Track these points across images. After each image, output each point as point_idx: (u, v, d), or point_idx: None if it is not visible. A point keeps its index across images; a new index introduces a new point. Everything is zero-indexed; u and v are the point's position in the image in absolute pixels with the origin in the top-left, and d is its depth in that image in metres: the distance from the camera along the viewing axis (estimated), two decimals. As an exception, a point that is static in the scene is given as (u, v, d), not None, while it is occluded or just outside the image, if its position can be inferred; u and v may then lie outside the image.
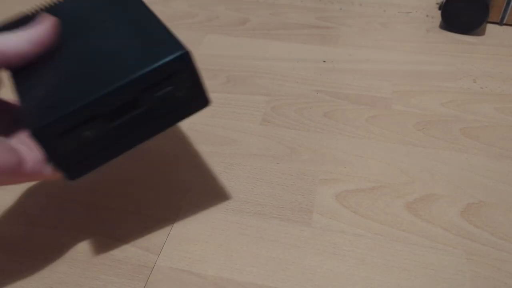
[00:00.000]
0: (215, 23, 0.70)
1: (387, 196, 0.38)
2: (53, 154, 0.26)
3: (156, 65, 0.25)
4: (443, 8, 0.66)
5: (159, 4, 0.76)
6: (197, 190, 0.39)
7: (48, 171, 0.28)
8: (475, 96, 0.52)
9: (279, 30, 0.67)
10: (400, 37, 0.66)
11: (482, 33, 0.67)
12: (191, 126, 0.46)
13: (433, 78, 0.56)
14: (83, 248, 0.33)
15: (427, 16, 0.73)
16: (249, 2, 0.77)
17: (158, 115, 0.28)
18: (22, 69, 0.28)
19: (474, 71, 0.57)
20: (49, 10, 0.33)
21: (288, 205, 0.37)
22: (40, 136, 0.25)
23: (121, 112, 0.27)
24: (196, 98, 0.29)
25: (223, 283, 0.31)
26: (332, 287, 0.31)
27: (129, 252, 0.33)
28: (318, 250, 0.34)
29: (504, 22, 0.69)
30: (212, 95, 0.51)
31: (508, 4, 0.68)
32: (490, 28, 0.69)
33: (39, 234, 0.34)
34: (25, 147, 0.27)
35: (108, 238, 0.34)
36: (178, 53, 0.26)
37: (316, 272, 0.32)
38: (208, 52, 0.61)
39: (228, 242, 0.34)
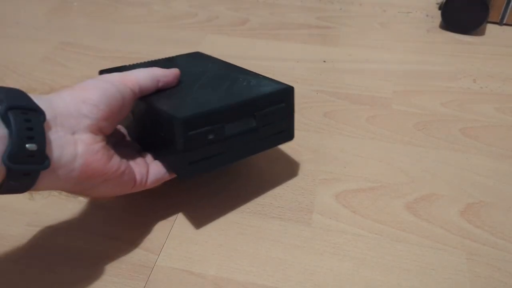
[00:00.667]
0: (215, 23, 0.70)
1: (387, 196, 0.38)
2: (180, 149, 0.31)
3: (270, 91, 0.34)
4: (443, 8, 0.66)
5: (159, 4, 0.76)
6: (197, 190, 0.39)
7: (149, 183, 0.33)
8: (475, 96, 0.52)
9: (279, 30, 0.67)
10: (400, 37, 0.66)
11: (482, 33, 0.67)
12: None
13: (433, 78, 0.56)
14: (83, 248, 0.33)
15: (427, 16, 0.73)
16: (249, 2, 0.77)
17: (258, 137, 0.35)
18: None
19: (474, 71, 0.57)
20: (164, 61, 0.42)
21: (288, 205, 0.37)
22: (179, 126, 0.30)
23: (238, 125, 0.33)
24: (285, 131, 0.36)
25: (223, 283, 0.31)
26: (332, 287, 0.31)
27: (129, 252, 0.33)
28: (318, 250, 0.34)
29: (504, 22, 0.69)
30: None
31: (508, 4, 0.68)
32: (490, 28, 0.69)
33: (39, 234, 0.34)
34: (133, 162, 0.33)
35: (108, 238, 0.34)
36: (286, 87, 0.35)
37: (316, 272, 0.32)
38: (208, 52, 0.61)
39: (228, 242, 0.34)
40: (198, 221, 0.36)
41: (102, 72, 0.39)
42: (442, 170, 0.41)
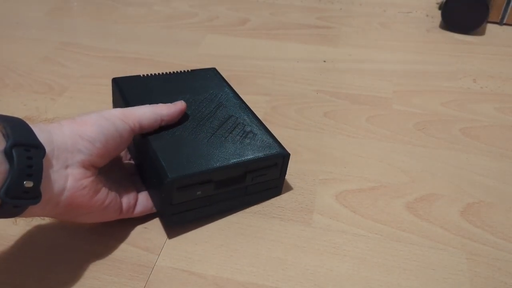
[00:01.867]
0: (215, 23, 0.70)
1: (387, 196, 0.38)
2: (167, 201, 0.32)
3: (265, 154, 0.34)
4: (443, 8, 0.66)
5: (159, 4, 0.76)
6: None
7: (136, 213, 0.34)
8: (475, 96, 0.52)
9: (279, 30, 0.67)
10: (400, 37, 0.66)
11: (482, 33, 0.67)
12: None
13: (433, 78, 0.56)
14: (83, 248, 0.33)
15: (427, 16, 0.73)
16: (249, 2, 0.77)
17: (246, 193, 0.36)
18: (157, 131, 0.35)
19: (474, 71, 0.57)
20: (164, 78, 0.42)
21: (288, 205, 0.37)
22: (169, 185, 0.31)
23: (227, 184, 0.34)
24: (274, 188, 0.38)
25: (223, 283, 0.31)
26: (332, 287, 0.31)
27: (129, 252, 0.33)
28: (318, 250, 0.34)
29: (504, 22, 0.69)
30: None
31: (508, 4, 0.68)
32: (490, 28, 0.69)
33: (38, 234, 0.34)
34: (123, 190, 0.34)
35: (108, 238, 0.34)
36: (281, 152, 0.35)
37: (316, 272, 0.32)
38: (208, 52, 0.61)
39: (228, 242, 0.34)
40: (198, 221, 0.36)
41: (115, 80, 0.40)
42: (442, 170, 0.41)
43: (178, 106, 0.35)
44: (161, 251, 0.33)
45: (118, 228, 0.35)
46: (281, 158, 0.35)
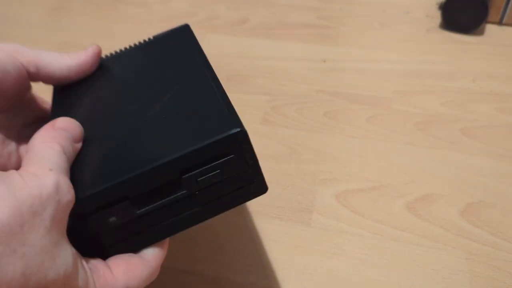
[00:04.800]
0: (215, 22, 0.70)
1: (387, 196, 0.38)
2: (74, 235, 0.21)
3: (199, 145, 0.21)
4: (443, 8, 0.66)
5: (159, 4, 0.76)
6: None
7: None
8: (475, 96, 0.52)
9: (279, 29, 0.67)
10: (400, 37, 0.66)
11: (481, 33, 0.67)
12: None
13: (433, 78, 0.56)
14: (83, 248, 0.33)
15: (427, 16, 0.73)
16: (249, 2, 0.77)
17: (199, 203, 0.24)
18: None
19: (474, 71, 0.57)
20: (106, 60, 0.31)
21: (288, 205, 0.37)
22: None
23: (154, 198, 0.23)
24: (251, 183, 0.24)
25: (223, 283, 0.31)
26: (332, 287, 0.31)
27: (129, 252, 0.33)
28: (318, 250, 0.34)
29: (503, 22, 0.69)
30: (212, 95, 0.51)
31: (507, 4, 0.68)
32: (490, 28, 0.69)
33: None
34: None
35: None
36: (230, 132, 0.22)
37: (316, 272, 0.32)
38: (208, 52, 0.61)
39: (228, 242, 0.34)
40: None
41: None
42: (442, 170, 0.41)
43: (89, 52, 0.28)
44: (161, 251, 0.33)
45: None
46: (232, 141, 0.22)
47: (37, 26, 0.67)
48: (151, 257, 0.24)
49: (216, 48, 0.62)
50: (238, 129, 0.22)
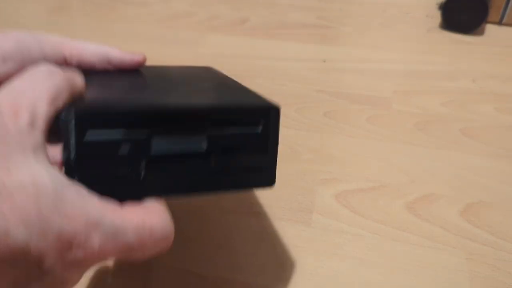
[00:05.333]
0: (215, 22, 0.70)
1: (387, 196, 0.38)
2: (72, 156, 0.20)
3: (241, 104, 0.22)
4: (443, 8, 0.66)
5: (159, 3, 0.76)
6: (197, 190, 0.39)
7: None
8: (475, 96, 0.52)
9: (279, 29, 0.67)
10: (400, 37, 0.66)
11: (481, 33, 0.67)
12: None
13: (433, 78, 0.56)
14: (83, 248, 0.33)
15: (427, 16, 0.73)
16: (249, 2, 0.77)
17: (209, 170, 0.23)
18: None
19: (474, 71, 0.57)
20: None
21: (288, 205, 0.37)
22: (73, 125, 0.19)
23: (174, 142, 0.21)
24: (260, 170, 0.24)
25: (223, 283, 0.31)
26: (332, 287, 0.31)
27: (129, 252, 0.33)
28: (318, 250, 0.34)
29: (503, 22, 0.69)
30: (212, 95, 0.51)
31: (507, 4, 0.68)
32: (490, 28, 0.69)
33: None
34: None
35: (108, 238, 0.34)
36: (268, 104, 0.23)
37: (316, 272, 0.32)
38: (208, 52, 0.61)
39: (228, 242, 0.34)
40: (198, 221, 0.36)
41: None
42: (442, 170, 0.41)
43: (135, 54, 0.28)
44: (161, 251, 0.33)
45: (118, 228, 0.35)
46: (267, 113, 0.23)
47: (37, 26, 0.67)
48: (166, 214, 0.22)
49: (216, 48, 0.62)
50: (275, 105, 0.23)
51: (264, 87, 0.53)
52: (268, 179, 0.25)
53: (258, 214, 0.37)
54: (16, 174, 0.17)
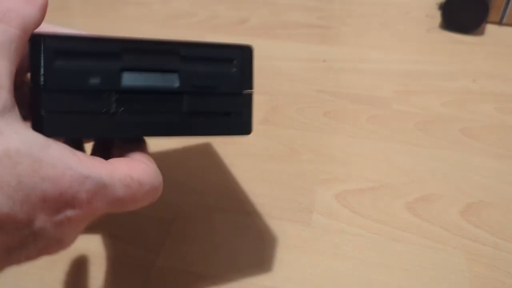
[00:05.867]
0: (215, 22, 0.70)
1: (387, 196, 0.38)
2: (41, 81, 0.19)
3: (213, 43, 0.22)
4: (443, 8, 0.66)
5: (159, 3, 0.76)
6: (197, 190, 0.39)
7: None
8: (475, 96, 0.52)
9: (279, 29, 0.67)
10: (400, 37, 0.66)
11: (481, 33, 0.67)
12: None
13: (433, 78, 0.56)
14: (82, 248, 0.33)
15: (427, 16, 0.73)
16: (249, 2, 0.77)
17: (180, 110, 0.23)
18: None
19: (474, 71, 0.57)
20: None
21: (288, 205, 0.37)
22: (42, 49, 0.19)
23: (145, 77, 0.22)
24: (235, 115, 0.24)
25: (223, 283, 0.31)
26: (332, 287, 0.31)
27: (128, 252, 0.33)
28: (318, 250, 0.34)
29: (504, 22, 0.69)
30: (212, 95, 0.51)
31: (507, 4, 0.68)
32: (490, 28, 0.69)
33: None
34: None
35: (107, 238, 0.34)
36: (242, 45, 0.24)
37: (316, 272, 0.32)
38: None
39: (228, 242, 0.34)
40: (198, 221, 0.36)
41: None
42: (442, 170, 0.41)
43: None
44: (161, 251, 0.33)
45: (117, 228, 0.35)
46: (239, 52, 0.24)
47: (37, 26, 0.68)
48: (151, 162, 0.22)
49: (216, 48, 0.62)
50: (248, 45, 0.24)
51: (264, 87, 0.53)
52: (243, 126, 0.24)
53: (258, 214, 0.37)
54: None
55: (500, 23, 0.69)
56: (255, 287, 0.31)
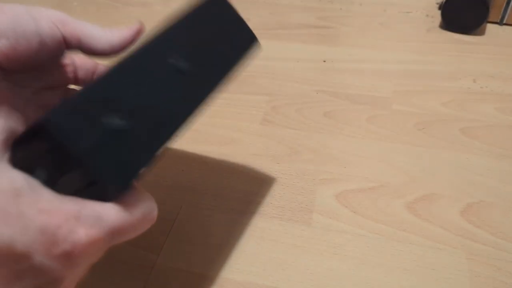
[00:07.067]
0: (215, 23, 0.70)
1: (387, 196, 0.38)
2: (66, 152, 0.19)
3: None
4: (443, 8, 0.66)
5: (159, 4, 0.76)
6: (197, 190, 0.39)
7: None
8: (475, 96, 0.52)
9: (279, 29, 0.67)
10: (400, 37, 0.66)
11: (482, 33, 0.67)
12: (191, 125, 0.46)
13: (433, 78, 0.56)
14: (83, 248, 0.33)
15: (427, 16, 0.73)
16: (249, 2, 0.77)
17: (197, 70, 0.23)
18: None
19: (474, 71, 0.57)
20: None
21: (288, 205, 0.37)
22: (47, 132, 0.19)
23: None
24: (241, 35, 0.27)
25: (223, 283, 0.31)
26: (332, 287, 0.31)
27: (129, 252, 0.33)
28: (318, 250, 0.34)
29: (504, 22, 0.69)
30: (212, 95, 0.51)
31: (508, 4, 0.68)
32: (490, 28, 0.68)
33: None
34: None
35: (108, 238, 0.34)
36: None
37: (316, 272, 0.32)
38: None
39: (228, 242, 0.34)
40: (198, 221, 0.36)
41: None
42: (442, 170, 0.41)
43: (133, 28, 0.26)
44: (161, 251, 0.33)
45: (118, 228, 0.35)
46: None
47: (37, 26, 0.68)
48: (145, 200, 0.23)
49: (216, 48, 0.62)
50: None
51: (264, 87, 0.53)
52: (249, 38, 0.28)
53: (258, 214, 0.37)
54: None
55: (500, 23, 0.69)
56: (255, 287, 0.31)
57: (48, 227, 0.18)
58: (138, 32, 0.26)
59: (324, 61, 0.59)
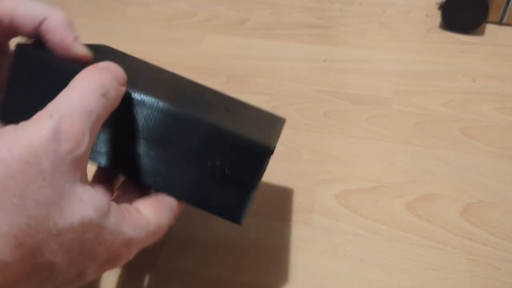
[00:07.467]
0: (215, 23, 0.70)
1: (387, 196, 0.38)
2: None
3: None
4: (443, 8, 0.66)
5: (159, 4, 0.76)
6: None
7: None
8: (475, 96, 0.52)
9: (279, 30, 0.67)
10: (400, 37, 0.66)
11: (481, 33, 0.67)
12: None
13: (433, 78, 0.56)
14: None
15: (427, 16, 0.73)
16: (249, 2, 0.77)
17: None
18: None
19: (474, 71, 0.57)
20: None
21: (288, 205, 0.37)
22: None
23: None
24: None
25: (223, 283, 0.31)
26: (332, 287, 0.31)
27: (129, 252, 0.33)
28: (318, 250, 0.34)
29: (504, 22, 0.69)
30: (212, 95, 0.51)
31: (507, 4, 0.68)
32: (490, 28, 0.69)
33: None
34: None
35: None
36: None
37: (316, 272, 0.32)
38: (208, 52, 0.61)
39: (228, 242, 0.34)
40: (198, 221, 0.36)
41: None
42: (442, 170, 0.41)
43: (79, 48, 0.26)
44: (161, 251, 0.33)
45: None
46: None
47: (37, 26, 0.68)
48: (170, 199, 0.25)
49: (216, 48, 0.62)
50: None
51: (264, 87, 0.53)
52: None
53: (258, 214, 0.37)
54: (66, 214, 0.18)
55: (500, 23, 0.69)
56: (255, 287, 0.31)
57: (102, 256, 0.20)
58: (76, 56, 0.25)
59: (324, 61, 0.59)
